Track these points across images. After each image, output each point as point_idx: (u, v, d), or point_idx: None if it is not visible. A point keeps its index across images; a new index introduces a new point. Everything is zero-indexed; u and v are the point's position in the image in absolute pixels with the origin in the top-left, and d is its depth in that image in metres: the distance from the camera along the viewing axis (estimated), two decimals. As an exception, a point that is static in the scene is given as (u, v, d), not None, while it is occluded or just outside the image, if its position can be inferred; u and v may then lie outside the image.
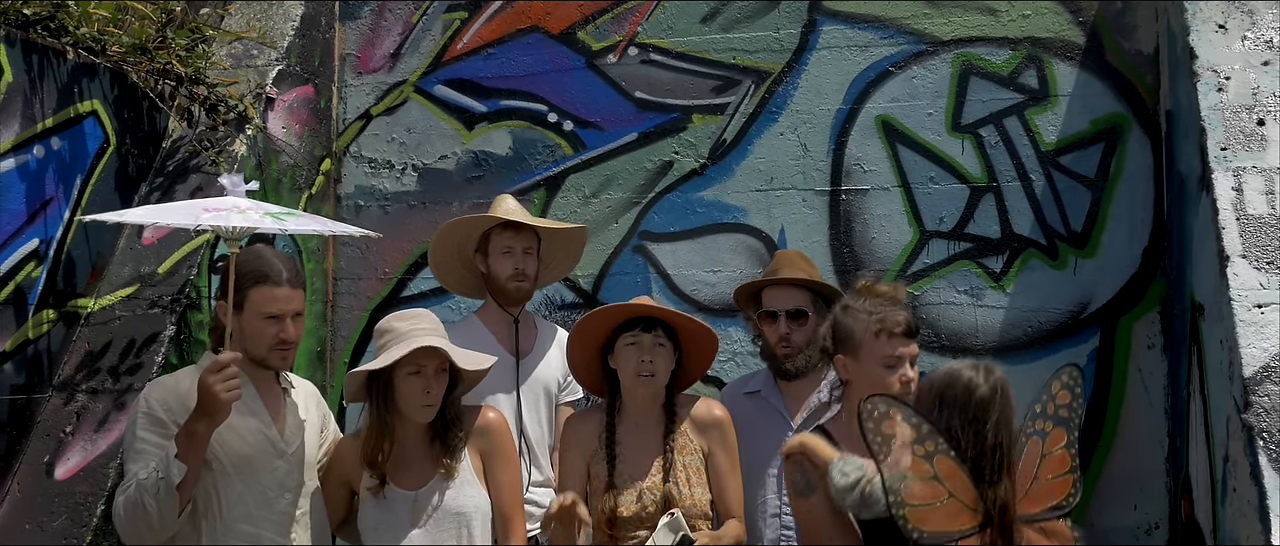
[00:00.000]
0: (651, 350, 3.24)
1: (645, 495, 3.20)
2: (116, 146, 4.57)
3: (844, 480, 2.79)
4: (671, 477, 3.20)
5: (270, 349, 3.16)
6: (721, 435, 3.33)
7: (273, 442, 3.16)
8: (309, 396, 3.38)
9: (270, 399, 3.23)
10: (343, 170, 5.49)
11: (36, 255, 4.15)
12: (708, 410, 3.36)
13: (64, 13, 4.34)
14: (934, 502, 2.62)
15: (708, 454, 3.29)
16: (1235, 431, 3.23)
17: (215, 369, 2.93)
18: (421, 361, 3.10)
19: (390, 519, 3.15)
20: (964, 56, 4.84)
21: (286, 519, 3.15)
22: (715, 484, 3.28)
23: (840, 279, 4.75)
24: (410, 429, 3.19)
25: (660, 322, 3.30)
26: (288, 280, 3.13)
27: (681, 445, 3.26)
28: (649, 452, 3.25)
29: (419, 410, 3.14)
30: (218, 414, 2.93)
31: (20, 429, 4.05)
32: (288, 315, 3.14)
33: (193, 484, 2.97)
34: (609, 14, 5.23)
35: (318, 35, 5.41)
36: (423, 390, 3.12)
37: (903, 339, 3.01)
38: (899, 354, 3.00)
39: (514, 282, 3.82)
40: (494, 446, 3.26)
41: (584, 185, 5.17)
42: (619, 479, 3.23)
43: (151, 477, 2.94)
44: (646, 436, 3.27)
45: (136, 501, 2.95)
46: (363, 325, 5.35)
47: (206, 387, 2.91)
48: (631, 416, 3.31)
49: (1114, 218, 4.62)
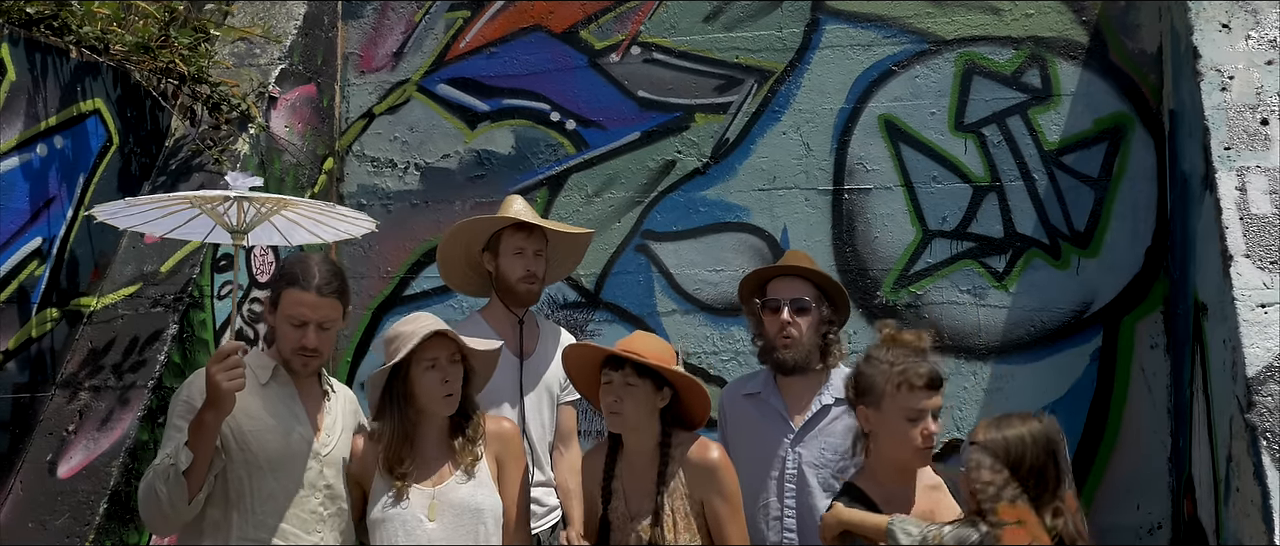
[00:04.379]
0: (620, 389, 3.16)
1: (633, 538, 3.18)
2: (119, 145, 4.57)
3: (908, 540, 2.80)
4: (660, 523, 3.17)
5: (292, 352, 3.16)
6: (717, 482, 3.19)
7: (308, 443, 3.18)
8: (347, 402, 3.39)
9: (310, 400, 3.24)
10: (345, 169, 5.49)
11: (40, 254, 4.16)
12: (702, 454, 3.21)
13: (67, 11, 4.34)
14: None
15: (703, 502, 3.23)
16: (1238, 431, 3.22)
17: (219, 358, 2.94)
18: (434, 352, 3.11)
19: (406, 514, 3.15)
20: (967, 56, 4.84)
21: (315, 518, 3.16)
22: (715, 532, 3.20)
23: (843, 278, 4.75)
24: (428, 427, 3.20)
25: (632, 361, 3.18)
26: (317, 287, 3.12)
27: (673, 489, 3.20)
28: (643, 493, 3.21)
29: (441, 402, 3.14)
30: (223, 403, 2.94)
31: (23, 427, 4.06)
32: (312, 323, 3.13)
33: (205, 472, 2.99)
34: (612, 13, 5.23)
35: (320, 34, 5.41)
36: (441, 381, 3.13)
37: (925, 392, 2.97)
38: (922, 407, 2.96)
39: (525, 284, 3.81)
40: (509, 452, 3.27)
41: (586, 184, 5.17)
42: (614, 516, 3.22)
43: (164, 463, 2.98)
44: (642, 475, 3.23)
45: (150, 484, 3.00)
46: (366, 323, 5.35)
47: (209, 377, 2.93)
48: (629, 454, 3.27)
49: (1117, 217, 4.62)
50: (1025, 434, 2.77)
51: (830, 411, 3.53)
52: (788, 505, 3.47)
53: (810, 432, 3.50)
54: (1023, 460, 2.74)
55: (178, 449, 2.95)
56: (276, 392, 3.20)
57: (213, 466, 3.03)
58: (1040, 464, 2.75)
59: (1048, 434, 2.79)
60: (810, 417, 3.54)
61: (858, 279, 4.81)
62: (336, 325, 3.23)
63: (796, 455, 3.49)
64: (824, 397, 3.56)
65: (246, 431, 3.11)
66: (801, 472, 3.47)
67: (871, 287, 4.82)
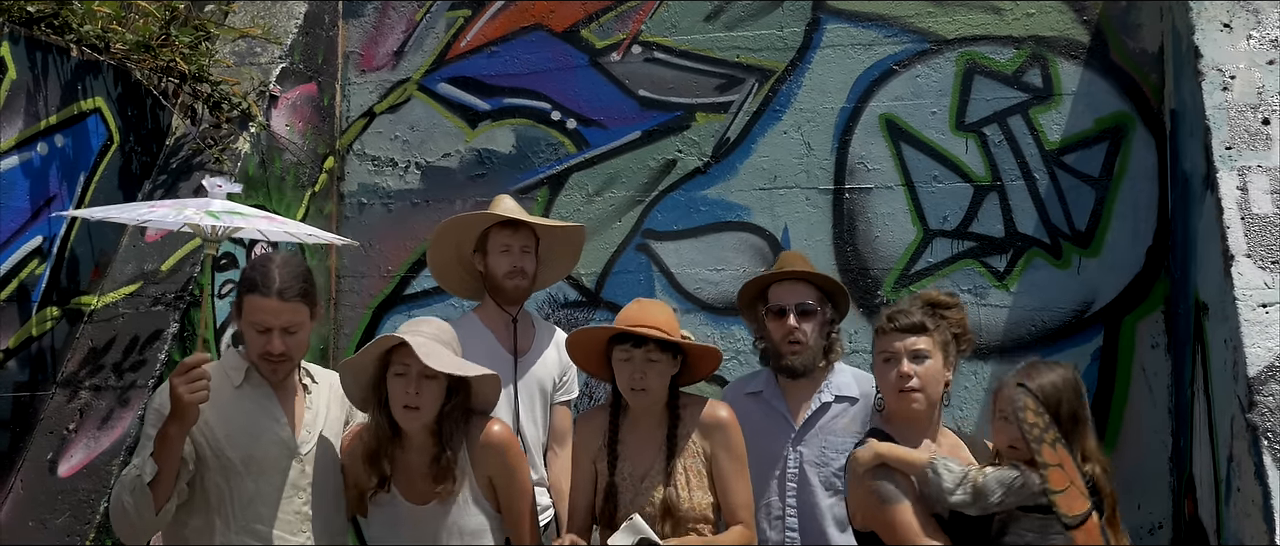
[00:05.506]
0: (643, 365, 3.17)
1: (644, 497, 3.18)
2: (120, 144, 4.57)
3: (951, 477, 2.80)
4: (671, 481, 3.17)
5: (259, 358, 3.11)
6: (725, 437, 3.24)
7: (286, 443, 3.13)
8: (332, 390, 3.30)
9: (287, 398, 3.19)
10: (346, 168, 5.49)
11: (40, 252, 4.15)
12: (712, 412, 3.27)
13: (68, 10, 4.34)
14: (1065, 488, 2.69)
15: (711, 456, 3.24)
16: (1239, 431, 3.22)
17: (182, 370, 2.89)
18: (408, 360, 3.04)
19: (394, 531, 3.13)
20: (968, 55, 4.83)
21: (300, 518, 3.12)
22: (719, 486, 3.21)
23: (844, 277, 4.75)
24: (416, 439, 3.13)
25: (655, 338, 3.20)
26: (278, 292, 3.04)
27: (684, 447, 3.23)
28: (651, 453, 3.21)
29: (400, 412, 3.04)
30: (186, 415, 2.89)
31: (23, 426, 4.05)
32: (275, 328, 3.06)
33: (172, 483, 2.94)
34: (612, 12, 5.23)
35: (321, 33, 5.41)
36: (404, 390, 3.03)
37: (897, 334, 3.01)
38: (893, 349, 2.99)
39: (511, 281, 3.82)
40: (500, 463, 3.15)
41: (587, 183, 5.17)
42: (620, 479, 3.20)
43: (130, 474, 2.94)
44: (649, 436, 3.23)
45: (118, 495, 2.96)
46: (366, 323, 5.35)
47: (172, 389, 2.87)
48: (635, 415, 3.27)
49: (1118, 217, 4.62)
50: (1058, 379, 2.81)
51: (831, 409, 3.53)
52: (789, 504, 3.47)
53: (810, 431, 3.51)
54: (1060, 404, 2.78)
55: (144, 460, 2.92)
56: (250, 394, 3.14)
57: (181, 476, 2.99)
58: (1073, 408, 2.79)
59: (1076, 379, 2.85)
60: (810, 415, 3.54)
61: (858, 278, 4.80)
62: (304, 328, 3.13)
63: (798, 454, 3.49)
64: (824, 395, 3.56)
65: (220, 436, 3.06)
66: (803, 471, 3.47)
67: (872, 287, 4.82)
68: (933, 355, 3.02)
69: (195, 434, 3.00)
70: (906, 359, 2.98)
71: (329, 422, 3.24)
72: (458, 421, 3.12)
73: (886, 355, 3.01)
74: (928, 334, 3.02)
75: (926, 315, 3.06)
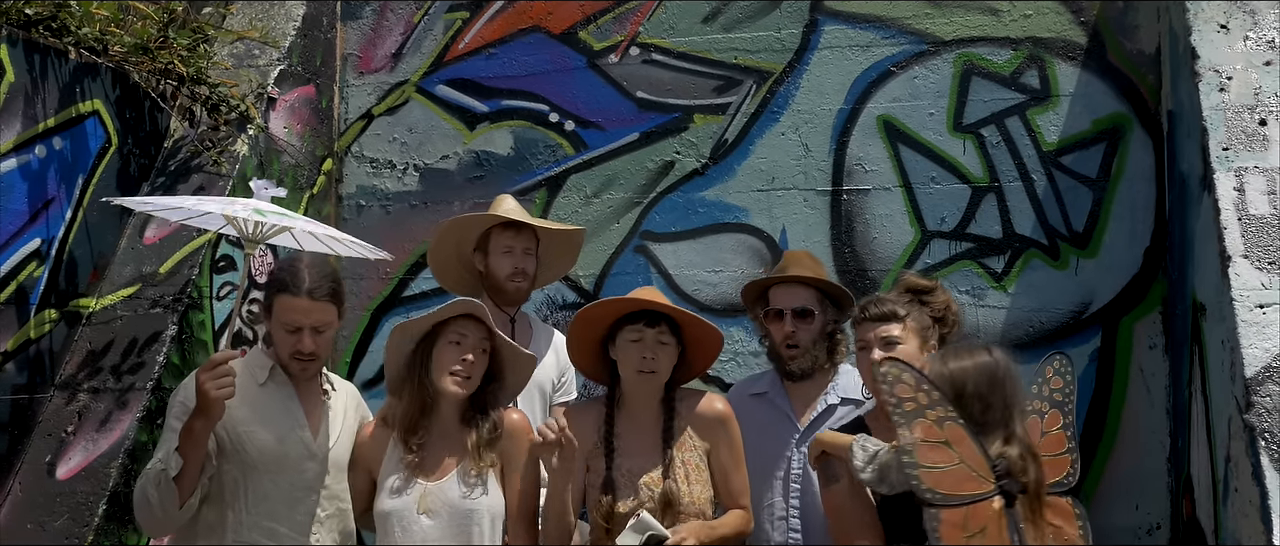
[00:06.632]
0: (654, 346, 3.19)
1: (643, 492, 3.16)
2: (118, 146, 4.57)
3: (863, 455, 2.90)
4: (671, 475, 3.17)
5: (289, 357, 3.17)
6: (724, 430, 3.26)
7: (305, 444, 3.18)
8: (349, 398, 3.38)
9: (308, 400, 3.24)
10: (344, 170, 5.49)
11: (38, 255, 4.15)
12: (710, 405, 3.29)
13: (66, 12, 4.34)
14: (945, 466, 2.73)
15: (709, 450, 3.25)
16: (1237, 431, 3.22)
17: (210, 366, 2.94)
18: (465, 330, 3.11)
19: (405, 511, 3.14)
20: (965, 56, 4.84)
21: (310, 519, 3.16)
22: (718, 478, 3.22)
23: (842, 279, 4.75)
24: (446, 408, 3.17)
25: (665, 318, 3.26)
26: (308, 292, 3.11)
27: (682, 441, 3.22)
28: (648, 448, 3.20)
29: (447, 378, 3.12)
30: (211, 411, 2.94)
31: (22, 428, 4.05)
32: (306, 327, 3.13)
33: (196, 477, 2.99)
34: (610, 14, 5.23)
35: (319, 35, 5.41)
36: (459, 358, 3.12)
37: (869, 323, 3.13)
38: (866, 337, 3.12)
39: (513, 282, 3.84)
40: (513, 449, 3.21)
41: (585, 185, 5.17)
42: (617, 474, 3.18)
43: (155, 467, 2.98)
44: (646, 432, 3.23)
45: (143, 488, 3.01)
46: (365, 324, 5.35)
47: (199, 385, 2.92)
48: (631, 410, 3.26)
49: (1115, 218, 4.62)
50: (969, 363, 2.85)
51: (836, 411, 3.53)
52: (793, 505, 3.48)
53: (815, 432, 3.50)
54: (965, 386, 2.82)
55: (169, 453, 2.95)
56: (274, 393, 3.19)
57: (205, 470, 3.03)
58: (981, 391, 2.81)
59: (998, 366, 2.86)
60: (815, 417, 3.54)
61: (856, 279, 4.80)
62: (332, 328, 3.21)
63: (801, 455, 3.50)
64: (829, 397, 3.56)
65: (241, 432, 3.11)
66: (806, 472, 3.47)
67: (870, 288, 4.81)
68: (905, 341, 3.09)
69: (218, 426, 3.04)
70: (876, 347, 3.05)
71: (345, 429, 3.27)
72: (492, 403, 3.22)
73: (861, 344, 3.14)
74: (899, 320, 3.10)
75: (902, 302, 3.12)
